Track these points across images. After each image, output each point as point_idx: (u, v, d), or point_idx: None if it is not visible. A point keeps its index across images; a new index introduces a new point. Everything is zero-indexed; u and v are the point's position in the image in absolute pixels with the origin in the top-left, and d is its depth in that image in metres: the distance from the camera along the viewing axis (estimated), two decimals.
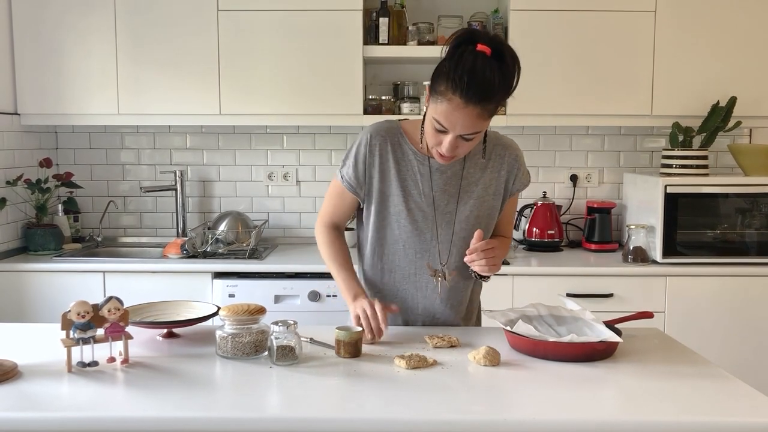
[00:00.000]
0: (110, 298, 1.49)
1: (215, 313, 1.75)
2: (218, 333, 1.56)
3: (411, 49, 3.12)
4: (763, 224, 2.96)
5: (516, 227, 3.33)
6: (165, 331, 1.71)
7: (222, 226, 3.19)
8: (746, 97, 3.03)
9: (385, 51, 3.11)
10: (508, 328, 1.60)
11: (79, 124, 3.37)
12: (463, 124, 1.55)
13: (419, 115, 3.13)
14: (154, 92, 3.08)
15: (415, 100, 3.21)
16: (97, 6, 3.04)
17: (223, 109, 3.08)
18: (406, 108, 3.19)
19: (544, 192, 3.38)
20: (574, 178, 3.46)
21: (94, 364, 1.47)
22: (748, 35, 3.05)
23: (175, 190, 3.38)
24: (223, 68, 3.06)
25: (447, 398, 1.33)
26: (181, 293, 2.79)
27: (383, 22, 3.11)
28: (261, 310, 1.59)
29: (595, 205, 3.30)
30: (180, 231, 3.39)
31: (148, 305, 1.81)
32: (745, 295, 2.87)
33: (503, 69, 1.52)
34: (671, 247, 2.93)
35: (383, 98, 3.26)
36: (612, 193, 3.48)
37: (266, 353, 1.55)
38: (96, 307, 1.47)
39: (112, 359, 1.50)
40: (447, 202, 1.78)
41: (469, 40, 1.53)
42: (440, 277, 1.80)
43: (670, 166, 3.10)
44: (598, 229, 3.27)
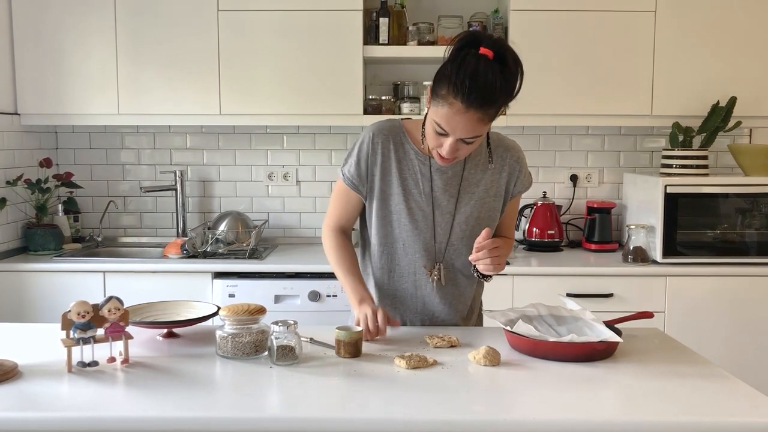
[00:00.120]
0: (110, 298, 1.49)
1: (215, 313, 1.75)
2: (218, 333, 1.56)
3: (411, 49, 3.12)
4: (763, 224, 2.96)
5: (516, 227, 3.32)
6: (165, 331, 1.71)
7: (222, 226, 3.19)
8: (746, 97, 3.03)
9: (385, 51, 3.11)
10: (508, 328, 1.60)
11: (79, 124, 3.37)
12: (463, 128, 1.55)
13: (419, 115, 3.14)
14: (154, 92, 3.08)
15: (415, 100, 3.21)
16: (97, 6, 3.04)
17: (223, 109, 3.08)
18: (406, 108, 3.19)
19: (544, 192, 3.38)
20: (574, 178, 3.46)
21: (94, 364, 1.47)
22: (748, 35, 3.05)
23: (175, 190, 3.38)
24: (223, 68, 3.06)
25: (447, 398, 1.33)
26: (181, 293, 2.79)
27: (383, 22, 3.11)
28: (261, 310, 1.59)
29: (595, 205, 3.30)
30: (180, 231, 3.39)
31: (148, 305, 1.81)
32: (745, 295, 2.87)
33: (505, 73, 1.51)
34: (671, 247, 2.93)
35: (383, 98, 3.26)
36: (612, 193, 3.48)
37: (266, 353, 1.55)
38: (96, 307, 1.47)
39: (112, 359, 1.50)
40: (447, 203, 1.78)
41: (472, 43, 1.52)
42: (436, 275, 1.80)
43: (670, 166, 3.10)
44: (598, 229, 3.27)
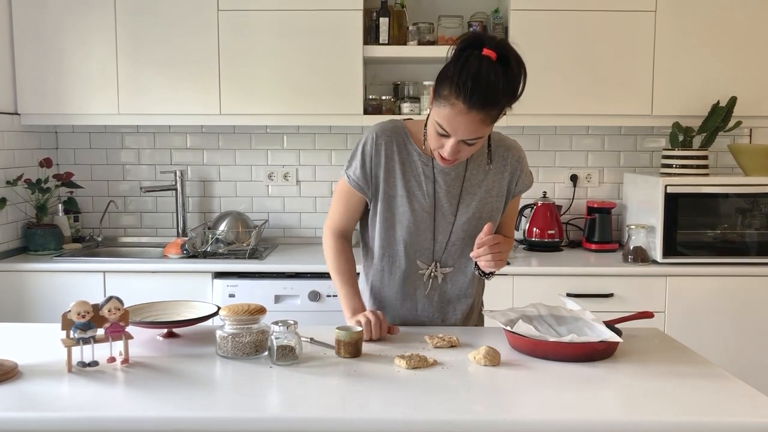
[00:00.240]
0: (110, 298, 1.49)
1: (215, 313, 1.75)
2: (218, 333, 1.56)
3: (411, 49, 3.12)
4: (763, 224, 2.96)
5: (516, 227, 3.32)
6: (165, 331, 1.71)
7: (222, 226, 3.19)
8: (746, 97, 3.03)
9: (386, 51, 3.11)
10: (509, 328, 1.60)
11: (79, 124, 3.37)
12: (465, 129, 1.54)
13: (419, 114, 3.14)
14: (154, 92, 3.08)
15: (416, 100, 3.21)
16: (97, 6, 3.04)
17: (223, 109, 3.08)
18: (407, 108, 3.19)
19: (545, 192, 3.38)
20: (574, 178, 3.46)
21: (95, 364, 1.47)
22: (748, 35, 3.05)
23: (176, 190, 3.38)
24: (223, 68, 3.06)
25: (447, 398, 1.32)
26: (181, 293, 2.79)
27: (383, 22, 3.11)
28: (261, 310, 1.59)
29: (596, 205, 3.30)
30: (180, 231, 3.39)
31: (149, 305, 1.81)
32: (745, 295, 2.87)
33: (508, 74, 1.50)
34: (671, 247, 2.93)
35: (383, 98, 3.26)
36: (612, 193, 3.48)
37: (266, 353, 1.55)
38: (96, 307, 1.47)
39: (113, 359, 1.50)
40: (449, 204, 1.77)
41: (475, 44, 1.52)
42: (432, 273, 1.81)
43: (670, 166, 3.10)
44: (599, 229, 3.27)
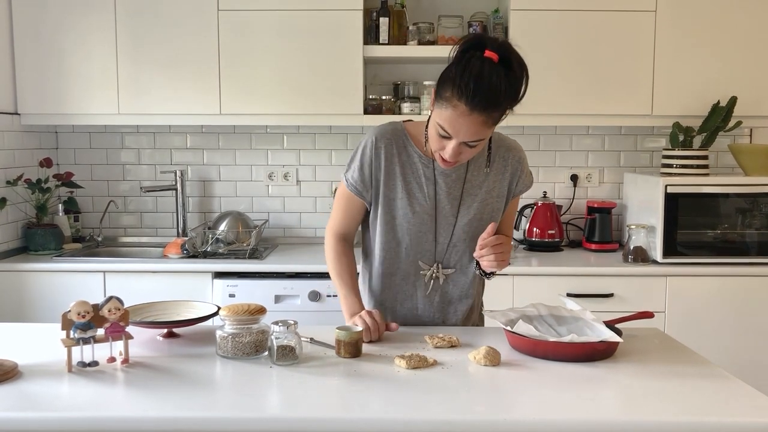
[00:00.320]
0: (110, 298, 1.49)
1: (215, 313, 1.75)
2: (218, 333, 1.56)
3: (411, 49, 3.12)
4: (763, 224, 2.96)
5: (516, 227, 3.33)
6: (165, 331, 1.71)
7: (222, 226, 3.19)
8: (747, 97, 3.03)
9: (386, 51, 3.11)
10: (509, 328, 1.60)
11: (80, 124, 3.37)
12: (467, 131, 1.54)
13: (420, 114, 3.14)
14: (155, 92, 3.08)
15: (416, 100, 3.21)
16: (97, 6, 3.04)
17: (224, 109, 3.08)
18: (407, 108, 3.19)
19: (545, 192, 3.38)
20: (574, 178, 3.46)
21: (95, 364, 1.47)
22: (748, 35, 3.05)
23: (176, 190, 3.38)
24: (223, 68, 3.06)
25: (447, 398, 1.32)
26: (181, 293, 2.79)
27: (383, 21, 3.11)
28: (261, 310, 1.59)
29: (596, 205, 3.30)
30: (180, 231, 3.39)
31: (149, 305, 1.81)
32: (746, 295, 2.87)
33: (510, 77, 1.50)
34: (671, 247, 2.93)
35: (383, 98, 3.26)
36: (612, 193, 3.48)
37: (266, 353, 1.55)
38: (96, 307, 1.47)
39: (113, 359, 1.50)
40: (450, 205, 1.77)
41: (477, 45, 1.51)
42: (434, 274, 1.80)
43: (670, 166, 3.10)
44: (599, 229, 3.27)
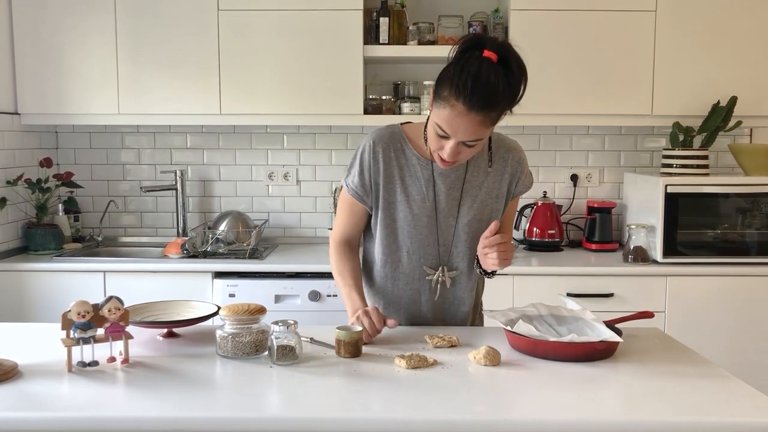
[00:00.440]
0: (110, 297, 1.49)
1: (215, 313, 1.75)
2: (218, 333, 1.56)
3: (411, 49, 3.12)
4: (763, 224, 2.96)
5: (516, 227, 3.33)
6: (165, 330, 1.71)
7: (222, 226, 3.19)
8: (747, 97, 3.03)
9: (386, 51, 3.11)
10: (509, 328, 1.60)
11: (80, 124, 3.37)
12: (465, 130, 1.54)
13: (420, 114, 3.14)
14: (155, 92, 3.08)
15: (416, 100, 3.21)
16: (97, 6, 3.04)
17: (224, 109, 3.08)
18: (407, 108, 3.19)
19: (545, 192, 3.38)
20: (574, 178, 3.46)
21: (95, 363, 1.47)
22: (748, 35, 3.05)
23: (176, 189, 3.38)
24: (224, 68, 3.06)
25: (447, 398, 1.32)
26: (181, 293, 2.79)
27: (383, 21, 3.11)
28: (261, 310, 1.59)
29: (596, 205, 3.30)
30: (180, 231, 3.39)
31: (149, 305, 1.81)
32: (746, 295, 2.87)
33: (509, 77, 1.50)
34: (672, 247, 2.93)
35: (384, 98, 3.26)
36: (612, 193, 3.48)
37: (266, 353, 1.55)
38: (96, 307, 1.47)
39: (113, 359, 1.50)
40: (450, 207, 1.77)
41: (476, 45, 1.51)
42: (440, 278, 1.80)
43: (670, 166, 3.10)
44: (599, 229, 3.27)
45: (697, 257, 2.93)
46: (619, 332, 1.61)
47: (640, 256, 2.97)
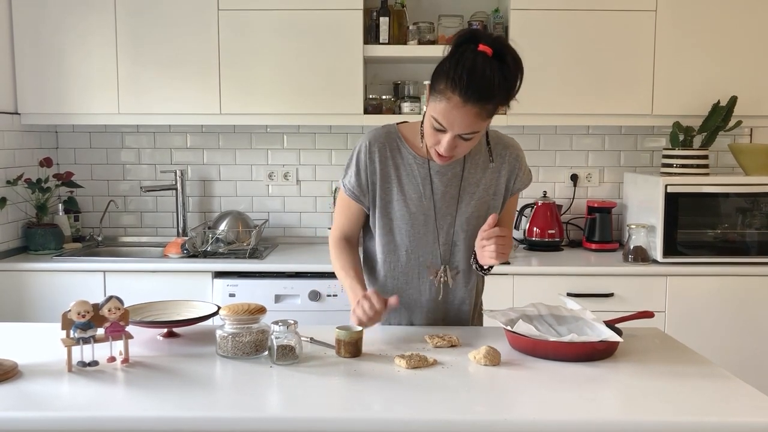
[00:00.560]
0: (110, 297, 1.49)
1: (215, 313, 1.75)
2: (218, 332, 1.56)
3: (411, 49, 3.12)
4: (763, 224, 2.96)
5: (516, 227, 3.33)
6: (165, 330, 1.71)
7: (222, 226, 3.19)
8: (747, 97, 3.03)
9: (386, 50, 3.11)
10: (509, 328, 1.60)
11: (80, 124, 3.36)
12: (461, 123, 1.54)
13: (419, 114, 3.14)
14: (155, 92, 3.08)
15: (416, 99, 3.21)
16: (97, 6, 3.04)
17: (224, 109, 3.08)
18: (407, 107, 3.19)
19: (545, 191, 3.38)
20: (574, 178, 3.46)
21: (95, 363, 1.47)
22: (748, 35, 3.05)
23: (176, 189, 3.38)
24: (224, 68, 3.06)
25: (447, 398, 1.32)
26: (181, 293, 2.79)
27: (384, 21, 3.11)
28: (261, 310, 1.59)
29: (596, 205, 3.30)
30: (180, 230, 3.39)
31: (149, 305, 1.81)
32: (746, 295, 2.87)
33: (504, 70, 1.50)
34: (672, 247, 2.93)
35: (384, 98, 3.26)
36: (612, 193, 3.48)
37: (266, 353, 1.55)
38: (96, 307, 1.47)
39: (113, 359, 1.50)
40: (448, 204, 1.77)
41: (471, 39, 1.52)
42: (442, 278, 1.80)
43: (670, 166, 3.10)
44: (599, 229, 3.27)
45: (697, 257, 2.93)
46: (619, 332, 1.61)
47: (640, 256, 2.97)
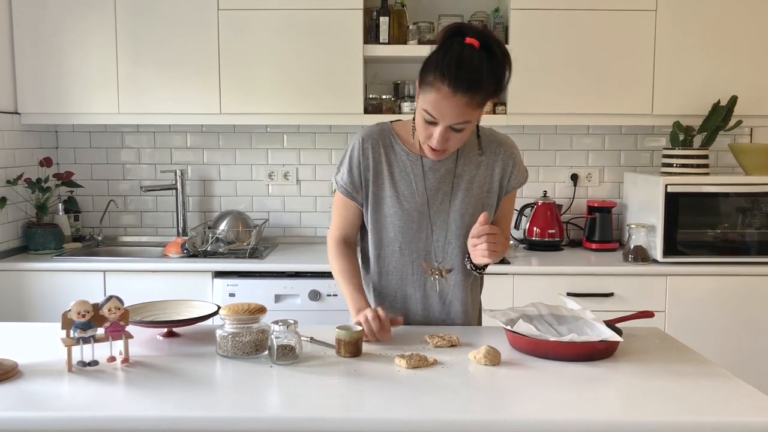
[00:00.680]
0: (110, 297, 1.49)
1: (215, 313, 1.75)
2: (218, 332, 1.56)
3: (411, 48, 3.12)
4: (763, 223, 2.96)
5: (516, 226, 3.33)
6: (165, 330, 1.71)
7: (222, 226, 3.19)
8: (747, 97, 3.03)
9: (386, 50, 3.11)
10: (509, 328, 1.60)
11: (80, 124, 3.36)
12: (451, 113, 1.55)
13: None
14: (155, 92, 3.08)
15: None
16: (97, 6, 3.04)
17: (224, 109, 3.08)
18: (407, 107, 3.19)
19: (545, 191, 3.38)
20: (574, 178, 3.46)
21: (95, 363, 1.47)
22: (748, 35, 3.05)
23: (176, 189, 3.38)
24: (224, 68, 3.06)
25: (447, 398, 1.32)
26: (181, 292, 2.78)
27: (384, 21, 3.11)
28: (261, 310, 1.59)
29: (596, 205, 3.30)
30: (180, 230, 3.39)
31: (149, 304, 1.80)
32: (746, 295, 2.87)
33: (492, 61, 1.53)
34: (672, 247, 2.93)
35: (384, 97, 3.26)
36: (612, 193, 3.48)
37: (266, 352, 1.55)
38: (96, 307, 1.47)
39: (113, 358, 1.50)
40: (441, 201, 1.77)
41: (458, 33, 1.55)
42: (437, 275, 1.80)
43: (670, 166, 3.10)
44: (599, 229, 3.27)
45: (697, 257, 2.93)
46: (619, 332, 1.61)
47: (641, 256, 2.97)
